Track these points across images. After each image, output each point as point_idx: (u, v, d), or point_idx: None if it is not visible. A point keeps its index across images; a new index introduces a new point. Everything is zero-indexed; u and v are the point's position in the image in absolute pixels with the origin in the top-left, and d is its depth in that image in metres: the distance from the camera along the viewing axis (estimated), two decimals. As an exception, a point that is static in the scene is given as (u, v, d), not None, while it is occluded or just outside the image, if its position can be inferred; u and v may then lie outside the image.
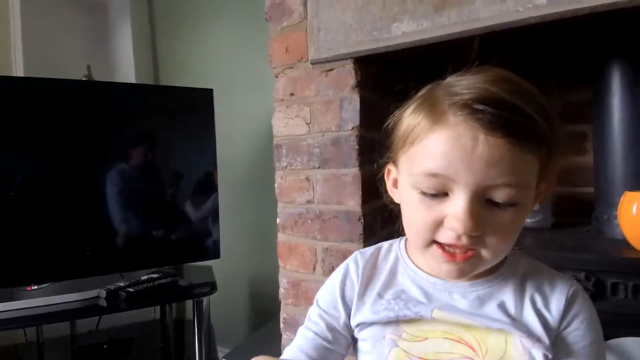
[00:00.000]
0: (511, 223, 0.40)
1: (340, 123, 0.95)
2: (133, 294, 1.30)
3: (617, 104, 0.89)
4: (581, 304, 0.44)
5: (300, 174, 1.04)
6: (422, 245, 0.43)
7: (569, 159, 1.09)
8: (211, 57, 1.82)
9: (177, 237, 1.49)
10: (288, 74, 1.01)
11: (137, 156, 1.44)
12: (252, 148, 1.74)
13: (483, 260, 0.42)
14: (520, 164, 0.38)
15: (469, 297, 0.45)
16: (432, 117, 0.41)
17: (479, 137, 0.37)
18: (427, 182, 0.40)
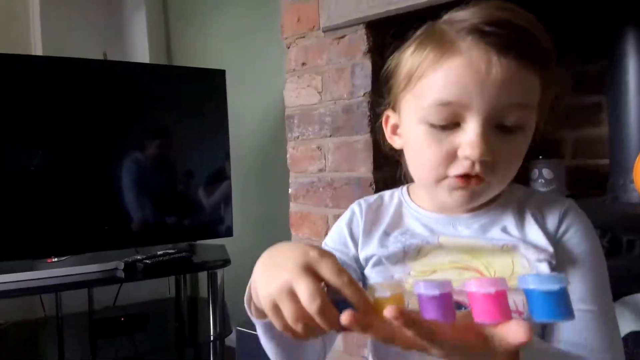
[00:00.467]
0: (519, 148, 0.42)
1: (352, 90, 0.96)
2: (150, 265, 1.33)
3: (633, 70, 0.88)
4: (574, 216, 0.45)
5: (311, 143, 1.06)
6: (434, 180, 0.44)
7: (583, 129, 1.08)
8: (223, 43, 1.85)
9: (191, 215, 1.52)
10: (300, 44, 1.02)
11: (153, 135, 1.48)
12: (264, 129, 1.76)
13: (492, 187, 0.43)
14: (529, 85, 0.40)
15: (472, 227, 0.47)
16: (440, 48, 0.41)
17: (492, 59, 0.38)
18: (438, 113, 0.41)
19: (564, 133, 1.10)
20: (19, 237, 1.29)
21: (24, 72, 1.29)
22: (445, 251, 0.46)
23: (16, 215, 1.28)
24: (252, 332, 1.22)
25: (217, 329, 1.41)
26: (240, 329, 1.23)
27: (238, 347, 1.25)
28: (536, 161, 1.00)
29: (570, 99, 1.09)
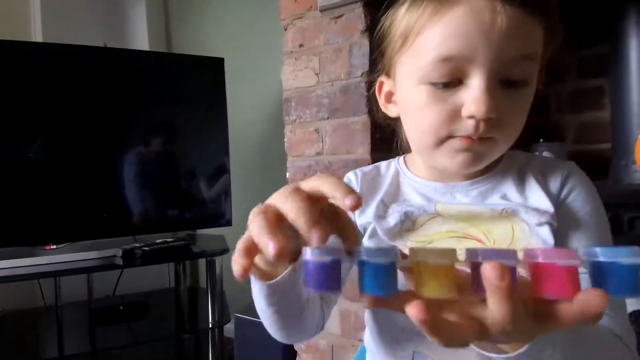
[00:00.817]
0: (524, 104, 0.40)
1: (349, 70, 0.95)
2: (148, 252, 1.33)
3: (634, 52, 0.86)
4: (577, 178, 0.44)
5: (309, 126, 1.05)
6: (435, 143, 0.41)
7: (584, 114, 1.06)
8: (223, 31, 1.84)
9: (190, 204, 1.51)
10: (297, 25, 1.01)
11: (152, 124, 1.47)
12: (263, 117, 1.75)
13: (497, 145, 0.41)
14: (533, 35, 0.38)
15: (470, 195, 0.45)
16: (437, 1, 0.39)
17: (497, 7, 0.36)
18: (439, 69, 0.39)
19: (567, 117, 1.08)
20: (17, 224, 1.29)
21: (23, 59, 1.29)
22: (442, 220, 0.44)
23: (14, 202, 1.28)
24: (250, 318, 1.21)
25: (215, 317, 1.40)
26: (239, 316, 1.23)
27: (236, 334, 1.24)
28: (537, 144, 0.98)
29: (573, 83, 1.07)
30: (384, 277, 0.25)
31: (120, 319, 1.46)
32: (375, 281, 0.25)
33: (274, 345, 1.15)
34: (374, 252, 0.25)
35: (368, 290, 0.25)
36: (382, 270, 0.24)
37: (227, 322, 1.41)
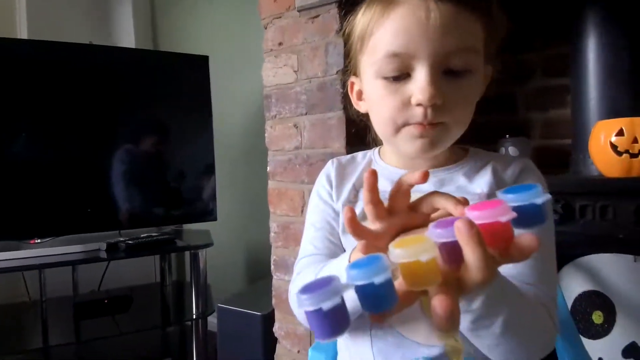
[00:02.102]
0: (468, 91, 0.44)
1: (325, 68, 0.99)
2: (132, 245, 1.35)
3: (592, 52, 0.92)
4: (530, 172, 0.49)
5: (288, 121, 1.09)
6: (393, 131, 0.46)
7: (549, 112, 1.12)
8: (209, 29, 1.87)
9: (176, 199, 1.54)
10: (277, 24, 1.05)
11: (137, 120, 1.50)
12: (248, 114, 1.78)
13: (449, 131, 0.45)
14: (469, 28, 0.42)
15: (431, 181, 0.49)
16: (385, 2, 0.45)
17: (430, 5, 0.41)
18: (389, 64, 0.43)
19: (534, 114, 1.14)
20: (1, 219, 1.30)
21: (8, 56, 1.30)
22: None
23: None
24: (232, 308, 1.24)
25: (199, 308, 1.43)
26: (222, 306, 1.26)
27: (219, 324, 1.28)
28: (503, 139, 1.04)
29: (539, 82, 1.13)
30: (384, 293, 0.25)
31: (105, 312, 1.48)
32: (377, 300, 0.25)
33: (254, 333, 1.18)
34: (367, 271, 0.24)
35: (374, 309, 0.25)
36: (381, 288, 0.24)
37: (210, 313, 1.44)
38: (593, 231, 0.76)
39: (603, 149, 0.78)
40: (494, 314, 0.34)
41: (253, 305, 1.22)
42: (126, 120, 1.48)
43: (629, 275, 0.75)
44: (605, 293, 0.76)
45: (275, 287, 1.13)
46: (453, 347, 0.44)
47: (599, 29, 0.90)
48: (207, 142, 1.53)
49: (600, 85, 0.89)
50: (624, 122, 0.76)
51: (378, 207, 0.35)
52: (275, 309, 1.13)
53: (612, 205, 0.74)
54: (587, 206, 0.77)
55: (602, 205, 0.75)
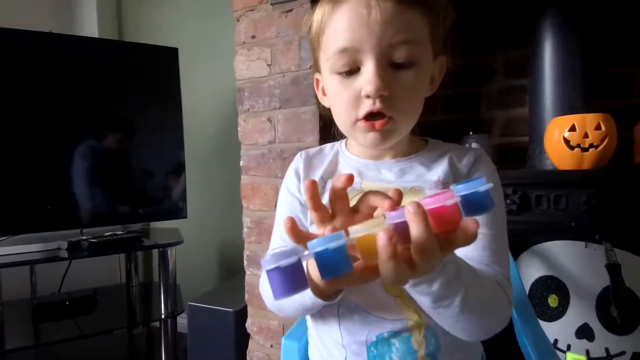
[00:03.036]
0: (414, 83, 0.46)
1: (299, 62, 1.00)
2: (95, 244, 1.29)
3: (548, 55, 0.98)
4: (483, 161, 0.52)
5: (262, 115, 1.08)
6: (349, 124, 0.49)
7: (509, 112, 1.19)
8: (177, 19, 1.81)
9: (143, 196, 1.49)
10: (249, 17, 1.05)
11: (101, 115, 1.43)
12: (219, 109, 1.75)
13: (399, 124, 0.47)
14: (411, 22, 0.44)
15: (393, 170, 0.53)
16: (332, 1, 0.47)
17: (371, 2, 0.43)
18: (339, 60, 0.45)
19: (495, 113, 1.21)
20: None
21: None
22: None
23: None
24: (203, 305, 1.22)
25: (168, 308, 1.39)
26: (192, 304, 1.23)
27: (190, 322, 1.25)
28: (467, 136, 1.09)
29: (500, 82, 1.20)
30: (339, 258, 0.28)
31: (66, 314, 1.40)
32: (333, 265, 0.28)
33: (226, 330, 1.17)
34: (324, 240, 0.27)
35: (329, 274, 0.28)
36: (336, 253, 0.27)
37: (180, 312, 1.40)
38: (548, 220, 0.82)
39: (557, 144, 0.84)
40: (452, 294, 0.37)
41: (225, 302, 1.21)
42: (89, 115, 1.41)
43: (580, 260, 0.81)
44: (560, 278, 0.82)
45: (248, 282, 1.12)
46: (415, 321, 0.46)
47: (555, 33, 0.97)
48: (176, 136, 1.49)
49: (556, 85, 0.96)
50: (576, 119, 0.82)
51: (322, 212, 0.37)
52: (248, 304, 1.12)
53: (565, 195, 0.80)
54: (542, 196, 0.83)
55: (556, 195, 0.82)
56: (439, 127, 1.25)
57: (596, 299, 0.79)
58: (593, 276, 0.79)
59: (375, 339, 0.47)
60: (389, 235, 0.29)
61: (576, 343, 0.81)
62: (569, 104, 0.93)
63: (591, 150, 0.80)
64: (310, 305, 0.43)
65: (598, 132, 0.80)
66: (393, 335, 0.46)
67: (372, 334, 0.47)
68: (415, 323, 0.46)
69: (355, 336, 0.47)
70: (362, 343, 0.47)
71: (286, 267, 0.26)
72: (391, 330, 0.46)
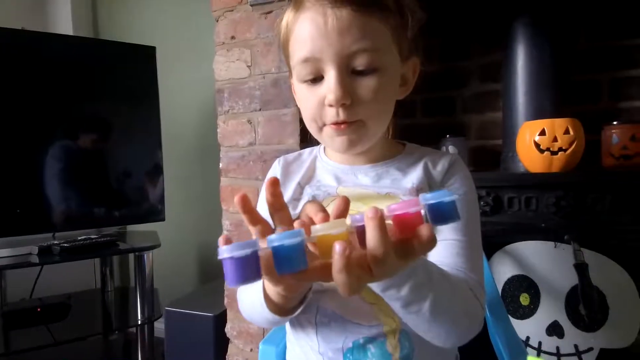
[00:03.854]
0: (378, 88, 0.45)
1: (279, 64, 1.00)
2: (68, 248, 1.25)
3: (520, 60, 1.01)
4: (458, 166, 0.53)
5: (242, 117, 1.08)
6: (317, 130, 0.49)
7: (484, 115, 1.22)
8: (155, 17, 1.78)
9: (120, 199, 1.45)
10: (229, 17, 1.04)
11: (76, 115, 1.39)
12: (198, 109, 1.73)
13: (367, 127, 0.47)
14: (369, 29, 0.44)
15: (369, 175, 0.53)
16: (295, 8, 0.47)
17: (327, 11, 0.43)
18: (303, 69, 0.46)
19: (471, 117, 1.24)
20: None
21: None
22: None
23: None
24: (181, 310, 1.20)
25: (145, 313, 1.36)
26: (169, 309, 1.21)
27: (167, 328, 1.22)
28: (445, 139, 1.12)
29: (475, 87, 1.23)
30: (296, 255, 0.28)
31: (38, 321, 1.35)
32: (289, 260, 0.28)
33: (205, 335, 1.15)
34: (284, 236, 0.28)
35: (285, 270, 0.29)
36: (293, 249, 0.28)
37: (157, 318, 1.37)
38: (519, 221, 0.85)
39: (528, 147, 0.87)
40: (421, 299, 0.37)
41: (204, 307, 1.19)
42: (63, 114, 1.36)
43: (550, 260, 0.84)
44: (531, 277, 0.85)
45: (227, 286, 1.11)
46: (390, 326, 0.47)
47: (526, 39, 1.00)
48: (154, 137, 1.46)
49: (527, 90, 0.99)
50: (545, 123, 0.86)
51: (261, 225, 0.36)
52: (228, 308, 1.11)
53: (535, 197, 0.83)
54: (514, 198, 0.85)
55: (527, 197, 0.84)
56: (418, 130, 1.28)
57: (565, 297, 0.82)
58: (562, 275, 0.82)
59: (352, 345, 0.47)
60: (343, 247, 0.29)
61: (547, 340, 0.84)
62: (540, 109, 0.97)
63: (560, 154, 0.83)
64: (272, 319, 0.43)
65: (567, 136, 0.83)
66: (369, 341, 0.47)
67: (349, 340, 0.47)
68: (391, 328, 0.47)
69: (332, 344, 0.48)
70: (338, 350, 0.47)
71: (239, 257, 0.27)
72: (367, 336, 0.47)
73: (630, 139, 0.96)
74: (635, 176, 0.83)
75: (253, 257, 0.28)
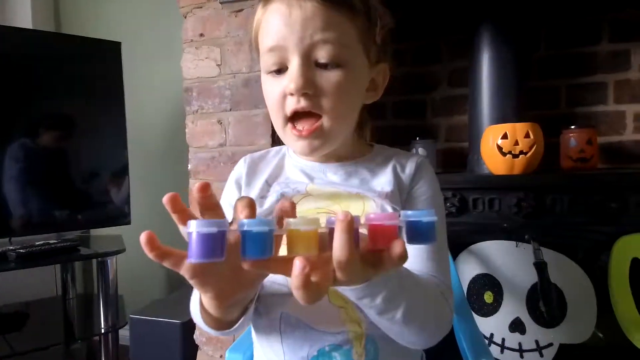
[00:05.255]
0: (341, 84, 0.45)
1: (251, 64, 0.99)
2: (24, 255, 1.17)
3: (485, 67, 1.05)
4: (426, 168, 0.54)
5: (212, 117, 1.05)
6: (281, 125, 0.48)
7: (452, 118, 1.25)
8: (120, 11, 1.71)
9: (82, 201, 1.38)
10: (197, 14, 1.01)
11: (37, 113, 1.31)
12: (165, 107, 1.67)
13: (328, 129, 0.47)
14: (333, 23, 0.44)
15: (339, 173, 0.53)
16: (263, 3, 0.47)
17: (292, 2, 0.44)
18: (269, 59, 0.46)
19: (440, 120, 1.27)
20: None
21: None
22: (313, 198, 0.51)
23: None
24: (147, 318, 1.15)
25: (109, 321, 1.30)
26: (134, 317, 1.16)
27: (132, 336, 1.17)
28: (415, 141, 1.14)
29: (444, 91, 1.26)
30: (264, 242, 0.28)
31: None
32: (255, 246, 0.28)
33: (172, 343, 1.11)
34: (255, 222, 0.28)
35: (250, 254, 0.28)
36: (261, 236, 0.28)
37: (122, 325, 1.31)
38: (483, 221, 0.87)
39: (491, 151, 0.90)
40: (395, 307, 0.38)
41: (170, 314, 1.15)
42: (22, 112, 1.28)
43: (512, 259, 0.87)
44: (494, 275, 0.87)
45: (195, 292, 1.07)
46: (356, 333, 0.47)
47: (490, 46, 1.04)
48: (119, 136, 1.40)
49: (491, 95, 1.03)
50: (507, 127, 0.89)
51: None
52: (196, 313, 1.08)
53: (498, 198, 0.86)
54: (478, 199, 0.88)
55: (490, 198, 0.87)
56: (390, 132, 1.29)
57: (527, 295, 0.85)
58: (523, 273, 0.85)
59: (317, 353, 0.46)
60: (302, 265, 0.28)
61: (510, 336, 0.86)
62: (503, 113, 1.00)
63: (521, 157, 0.86)
64: (214, 333, 0.43)
65: (527, 140, 0.86)
66: (334, 349, 0.46)
67: (314, 348, 0.46)
68: (356, 334, 0.47)
69: (297, 352, 0.47)
70: (303, 358, 0.46)
71: (206, 234, 0.27)
72: (333, 344, 0.46)
73: (586, 142, 1.01)
74: (590, 178, 0.88)
75: (219, 235, 0.28)
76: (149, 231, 0.31)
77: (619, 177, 0.86)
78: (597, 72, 1.12)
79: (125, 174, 1.41)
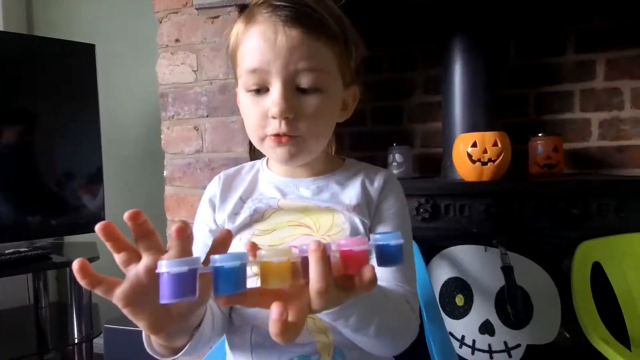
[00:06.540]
0: (319, 108, 0.48)
1: (227, 70, 0.99)
2: (-9, 264, 1.13)
3: (458, 74, 1.07)
4: (392, 183, 0.56)
5: (188, 123, 1.04)
6: (258, 140, 0.50)
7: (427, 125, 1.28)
8: (94, 13, 1.68)
9: (54, 207, 1.34)
10: (173, 19, 1.01)
11: (7, 116, 1.26)
12: (140, 111, 1.64)
13: (306, 143, 0.49)
14: (316, 52, 0.46)
15: (310, 188, 0.55)
16: (246, 20, 0.48)
17: (278, 28, 0.45)
18: (250, 79, 0.47)
19: (415, 126, 1.29)
20: None
21: None
22: (284, 212, 0.53)
23: None
24: (122, 327, 1.13)
25: (82, 331, 1.27)
26: (108, 327, 1.14)
27: (106, 346, 1.15)
28: (392, 147, 1.16)
29: (420, 98, 1.29)
30: (236, 277, 0.29)
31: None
32: (228, 282, 0.28)
33: (146, 353, 1.09)
34: (227, 258, 0.28)
35: (222, 291, 0.29)
36: (234, 271, 0.28)
37: (97, 335, 1.28)
38: (454, 226, 0.90)
39: (462, 158, 0.93)
40: (368, 324, 0.40)
41: (147, 321, 1.13)
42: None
43: (481, 263, 0.90)
44: (465, 279, 0.90)
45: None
46: (324, 343, 0.48)
47: (462, 55, 1.06)
48: (93, 140, 1.37)
49: (463, 103, 1.06)
50: (477, 136, 0.92)
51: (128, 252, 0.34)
52: (173, 321, 1.06)
53: (468, 204, 0.89)
54: (450, 205, 0.91)
55: (461, 204, 0.90)
56: (368, 138, 1.31)
57: (495, 298, 0.88)
58: (492, 277, 0.88)
59: None
60: (279, 312, 0.29)
61: (480, 338, 0.89)
62: (474, 121, 1.03)
63: (489, 164, 0.89)
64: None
65: (495, 148, 0.90)
66: (302, 359, 0.48)
67: (282, 359, 0.47)
68: (324, 344, 0.48)
69: None
70: None
71: (176, 274, 0.27)
72: (301, 354, 0.47)
73: (553, 149, 1.06)
74: (554, 185, 0.92)
75: (191, 274, 0.27)
76: (82, 259, 0.31)
77: (581, 184, 0.90)
78: (563, 81, 1.17)
79: (100, 179, 1.38)
